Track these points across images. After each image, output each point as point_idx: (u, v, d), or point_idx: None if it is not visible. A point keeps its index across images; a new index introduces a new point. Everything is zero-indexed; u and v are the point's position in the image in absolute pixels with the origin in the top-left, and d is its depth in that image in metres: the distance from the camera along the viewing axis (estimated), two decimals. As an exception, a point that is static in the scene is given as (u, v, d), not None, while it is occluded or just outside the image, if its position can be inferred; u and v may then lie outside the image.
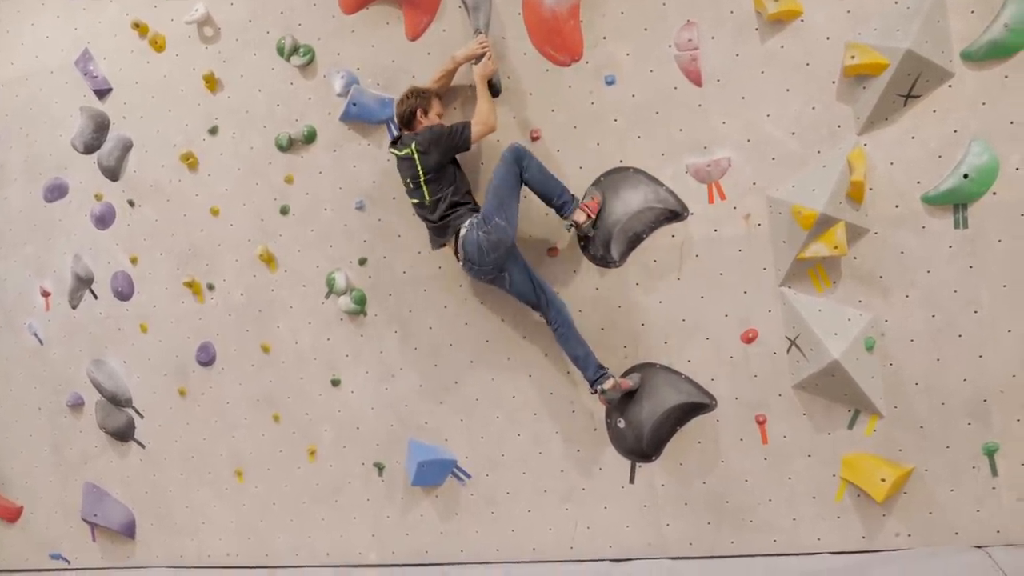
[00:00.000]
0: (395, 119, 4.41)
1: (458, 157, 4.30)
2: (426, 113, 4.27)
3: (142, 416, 5.59)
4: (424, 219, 4.35)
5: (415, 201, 4.31)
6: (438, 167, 4.18)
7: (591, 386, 4.28)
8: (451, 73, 4.41)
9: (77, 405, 5.74)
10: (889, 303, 4.04)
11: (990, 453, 3.97)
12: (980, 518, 4.02)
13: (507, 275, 4.22)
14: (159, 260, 5.39)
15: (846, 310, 4.07)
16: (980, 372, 3.95)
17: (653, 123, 4.28)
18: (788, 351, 4.19)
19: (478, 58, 4.27)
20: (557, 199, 4.21)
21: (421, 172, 4.18)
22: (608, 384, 4.21)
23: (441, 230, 4.28)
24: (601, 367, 4.26)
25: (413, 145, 4.18)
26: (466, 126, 4.16)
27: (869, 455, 4.13)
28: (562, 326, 4.26)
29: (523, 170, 4.16)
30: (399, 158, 4.29)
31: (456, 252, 4.25)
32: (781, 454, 4.28)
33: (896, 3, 3.85)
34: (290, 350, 5.15)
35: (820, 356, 4.01)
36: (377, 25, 4.68)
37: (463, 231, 4.16)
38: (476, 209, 4.25)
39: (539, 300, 4.27)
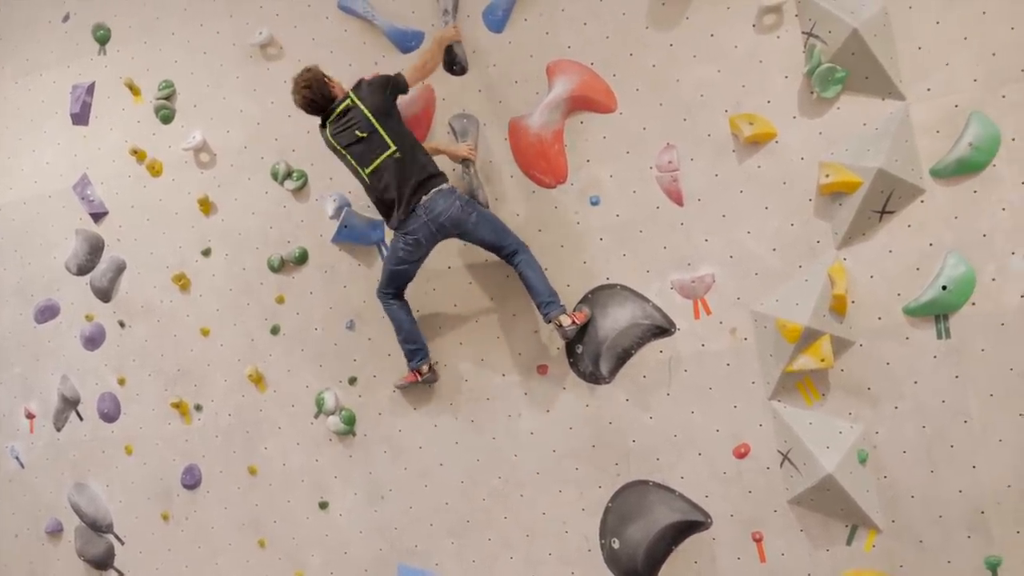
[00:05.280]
0: (306, 106, 4.21)
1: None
2: (331, 80, 4.24)
3: (123, 542, 5.43)
4: (397, 179, 4.10)
5: (383, 157, 4.10)
6: (386, 110, 4.12)
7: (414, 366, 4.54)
8: (433, 152, 4.47)
9: (56, 532, 5.58)
10: (879, 415, 4.04)
11: (993, 567, 3.89)
12: (988, 637, 3.90)
13: (428, 252, 4.31)
14: (147, 381, 5.35)
15: (837, 423, 4.07)
16: (975, 483, 3.91)
17: (637, 241, 4.38)
18: (781, 465, 4.16)
19: (463, 161, 4.46)
20: (546, 297, 4.22)
21: (370, 115, 4.09)
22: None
23: (420, 185, 4.11)
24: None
25: (352, 95, 4.15)
26: (399, 72, 4.22)
27: (871, 571, 4.04)
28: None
29: (519, 253, 4.25)
30: (338, 117, 4.16)
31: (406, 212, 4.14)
32: (780, 572, 4.18)
33: (864, 125, 4.01)
34: (277, 472, 5.06)
35: (814, 470, 3.98)
36: (368, 150, 4.84)
37: (444, 186, 4.16)
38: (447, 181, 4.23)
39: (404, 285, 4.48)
